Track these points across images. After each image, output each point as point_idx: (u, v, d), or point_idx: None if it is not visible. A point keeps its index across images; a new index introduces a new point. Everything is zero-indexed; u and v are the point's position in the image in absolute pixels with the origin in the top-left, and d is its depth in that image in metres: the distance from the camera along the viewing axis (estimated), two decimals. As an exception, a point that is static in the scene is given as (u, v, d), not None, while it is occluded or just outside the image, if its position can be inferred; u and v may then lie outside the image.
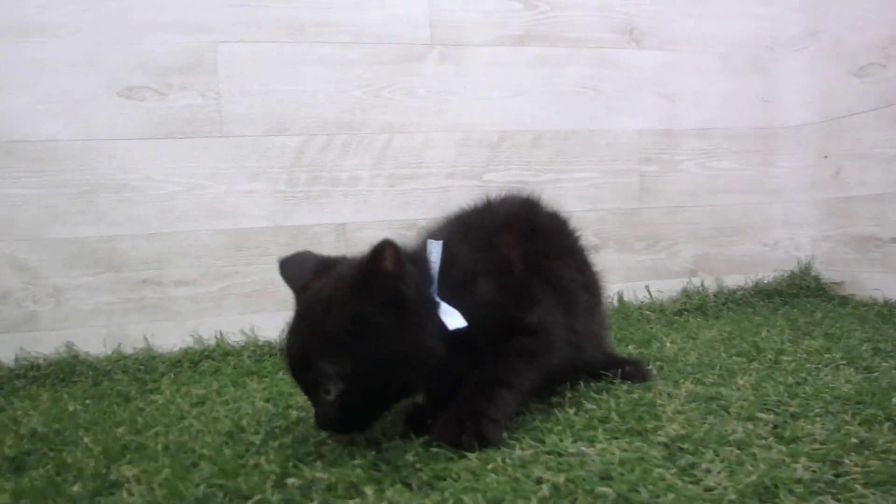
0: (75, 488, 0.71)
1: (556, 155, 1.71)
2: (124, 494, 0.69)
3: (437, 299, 0.81)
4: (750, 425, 0.81)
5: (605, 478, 0.68)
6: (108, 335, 1.44)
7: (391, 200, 1.60)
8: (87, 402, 1.15)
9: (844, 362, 1.09)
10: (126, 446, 0.86)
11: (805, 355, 1.15)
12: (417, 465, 0.73)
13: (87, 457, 0.82)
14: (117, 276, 1.44)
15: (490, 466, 0.72)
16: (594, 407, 0.91)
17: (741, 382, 1.00)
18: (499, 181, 1.66)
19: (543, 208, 1.04)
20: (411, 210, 1.61)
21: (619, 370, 1.05)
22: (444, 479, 0.70)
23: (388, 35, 1.57)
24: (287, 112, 1.52)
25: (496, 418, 0.79)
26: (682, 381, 1.03)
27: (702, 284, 1.80)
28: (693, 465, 0.70)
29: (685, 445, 0.75)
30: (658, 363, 1.16)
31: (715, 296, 1.76)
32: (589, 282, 1.03)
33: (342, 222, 1.57)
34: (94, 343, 1.43)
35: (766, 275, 1.85)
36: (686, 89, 1.81)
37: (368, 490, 0.67)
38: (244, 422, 0.94)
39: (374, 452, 0.78)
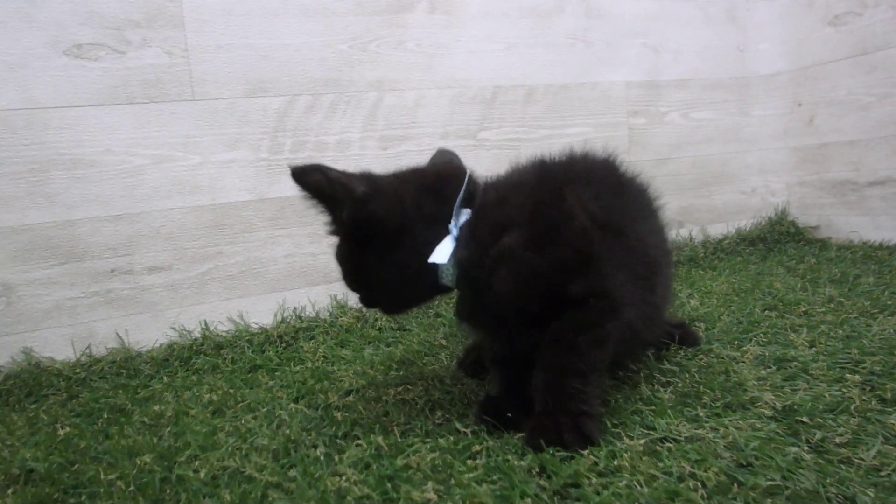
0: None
1: (549, 110, 1.64)
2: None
3: (452, 230, 0.79)
4: (842, 389, 0.78)
5: (745, 465, 0.63)
6: (73, 336, 1.24)
7: (384, 164, 1.45)
8: (75, 419, 0.98)
9: (876, 310, 1.09)
10: (164, 480, 0.72)
11: (833, 305, 1.15)
12: (534, 471, 0.66)
13: (124, 501, 0.68)
14: (79, 266, 1.24)
15: (616, 463, 0.65)
16: (673, 380, 0.87)
17: (797, 340, 0.98)
18: (493, 139, 1.57)
19: (626, 168, 0.93)
20: (405, 175, 1.49)
21: (670, 335, 1.01)
22: (578, 487, 0.62)
23: (374, -19, 1.42)
24: (267, 70, 1.34)
25: (593, 414, 0.72)
26: (736, 342, 1.00)
27: (690, 235, 1.82)
28: (824, 440, 0.66)
29: (803, 418, 0.71)
30: (694, 324, 1.12)
31: (703, 245, 1.79)
32: (668, 251, 0.96)
33: (332, 192, 1.43)
34: (57, 347, 1.23)
35: (746, 222, 1.90)
36: (669, 40, 1.77)
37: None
38: (289, 432, 0.81)
39: (479, 460, 0.69)
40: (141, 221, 1.27)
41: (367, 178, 0.81)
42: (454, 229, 0.79)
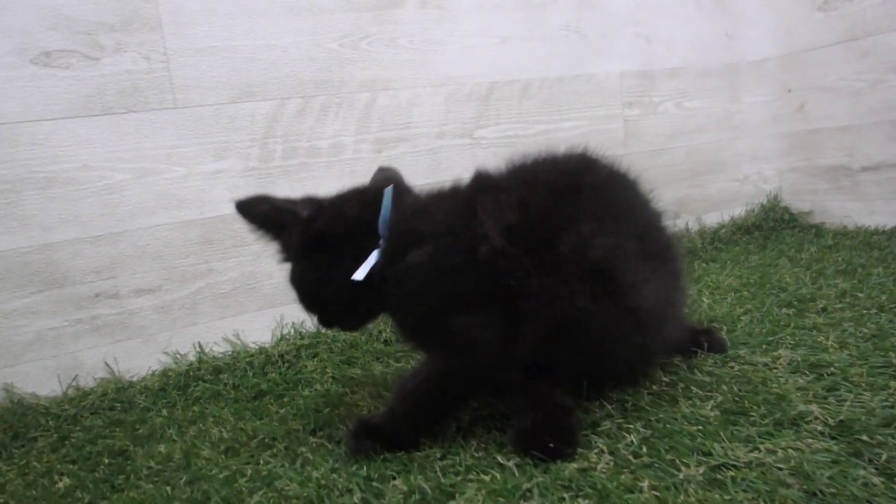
0: None
1: (545, 104, 1.59)
2: None
3: (382, 243, 0.82)
4: (889, 398, 0.75)
5: (816, 494, 0.60)
6: (58, 368, 1.16)
7: (379, 169, 1.40)
8: (71, 467, 0.90)
9: (893, 304, 1.08)
10: None
11: (848, 300, 1.14)
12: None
13: None
14: (60, 292, 1.15)
15: (682, 499, 0.61)
16: (711, 394, 0.83)
17: (825, 342, 0.95)
18: (490, 137, 1.52)
19: (602, 165, 0.87)
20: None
21: (698, 342, 0.97)
22: None
23: (362, -26, 1.34)
24: (253, 73, 1.26)
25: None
26: (763, 346, 0.98)
27: (686, 226, 1.81)
28: (890, 462, 0.64)
29: (862, 436, 0.68)
30: (713, 325, 1.10)
31: (700, 236, 1.78)
32: (656, 250, 0.85)
33: (327, 199, 1.36)
34: (41, 381, 1.14)
35: (739, 210, 1.90)
36: (661, 29, 1.74)
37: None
38: (317, 474, 0.75)
39: (532, 501, 0.65)
40: (124, 241, 1.19)
41: (311, 202, 0.87)
42: (383, 243, 0.81)
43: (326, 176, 1.35)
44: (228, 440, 0.92)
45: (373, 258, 0.81)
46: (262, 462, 0.83)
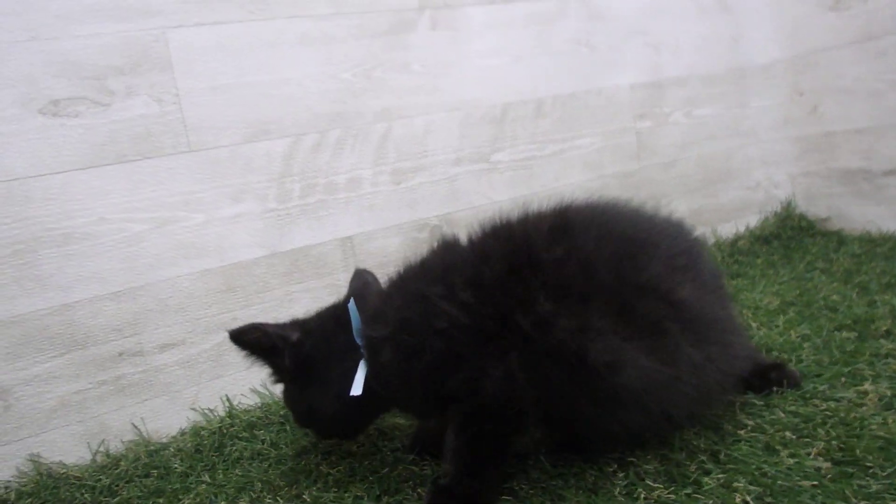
0: None
1: (559, 123, 1.58)
2: None
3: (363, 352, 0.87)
4: None
5: None
6: (85, 433, 1.11)
7: (399, 200, 1.38)
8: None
9: None
10: None
11: None
12: None
13: None
14: (82, 354, 1.11)
15: None
16: (809, 440, 0.81)
17: None
18: (507, 161, 1.50)
19: (575, 227, 0.83)
20: (420, 208, 1.40)
21: (768, 378, 0.95)
22: None
23: (373, 1, 1.32)
24: (268, 109, 1.23)
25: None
26: (842, 379, 0.95)
27: (703, 238, 1.80)
28: None
29: None
30: (773, 355, 1.08)
31: (718, 248, 1.78)
32: (678, 303, 0.80)
33: (347, 235, 1.33)
34: (67, 448, 1.10)
35: (752, 218, 1.90)
36: (667, 36, 1.73)
37: None
38: None
39: None
40: (146, 295, 1.15)
41: (298, 324, 0.93)
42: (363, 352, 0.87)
43: (345, 212, 1.32)
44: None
45: (361, 370, 0.85)
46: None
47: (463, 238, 0.88)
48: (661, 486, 0.79)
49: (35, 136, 1.05)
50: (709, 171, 1.84)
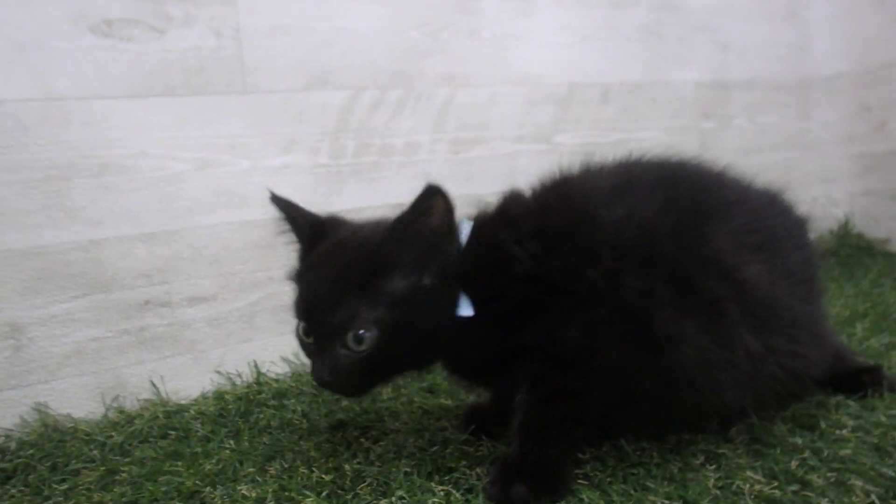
0: None
1: (623, 111, 1.51)
2: None
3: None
4: None
5: None
6: (98, 386, 1.02)
7: (455, 171, 1.30)
8: None
9: None
10: None
11: None
12: None
13: None
14: (106, 298, 1.02)
15: None
16: None
17: None
18: (569, 144, 1.43)
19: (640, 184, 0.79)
20: (476, 182, 1.32)
21: (860, 381, 0.90)
22: None
23: (447, -41, 1.26)
24: (329, 58, 1.15)
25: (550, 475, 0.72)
26: None
27: (759, 250, 1.73)
28: None
29: None
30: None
31: (775, 261, 1.71)
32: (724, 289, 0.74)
33: (399, 202, 1.24)
34: (78, 401, 1.00)
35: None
36: (736, 36, 1.68)
37: None
38: None
39: None
40: (180, 241, 1.07)
41: None
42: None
43: (398, 177, 1.25)
44: (328, 483, 0.78)
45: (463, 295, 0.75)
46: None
47: (526, 192, 0.82)
48: (762, 480, 0.72)
49: (82, 55, 0.98)
50: (769, 182, 1.77)
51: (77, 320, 1.00)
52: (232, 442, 0.94)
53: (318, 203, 1.17)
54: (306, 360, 1.14)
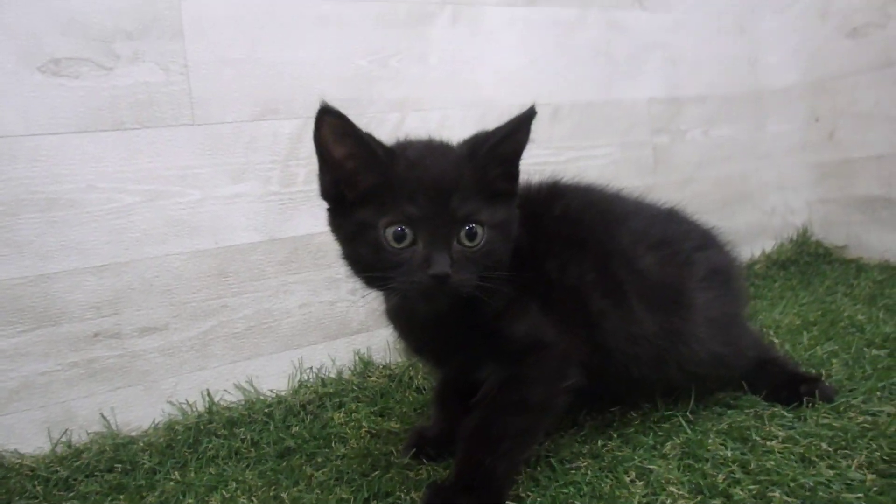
0: None
1: (576, 129, 1.57)
2: None
3: None
4: None
5: None
6: (47, 420, 1.04)
7: (408, 195, 1.35)
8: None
9: None
10: None
11: None
12: None
13: None
14: (54, 331, 1.04)
15: None
16: (848, 451, 0.79)
17: None
18: (522, 163, 1.49)
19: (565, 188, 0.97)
20: (430, 205, 1.38)
21: (797, 391, 0.94)
22: None
23: (394, -12, 1.32)
24: (278, 88, 1.20)
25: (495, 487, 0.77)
26: (877, 394, 0.92)
27: (719, 261, 1.78)
28: None
29: None
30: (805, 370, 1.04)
31: (735, 272, 1.76)
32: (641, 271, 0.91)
33: (351, 227, 1.29)
34: (26, 436, 1.02)
35: (768, 244, 1.89)
36: (686, 52, 1.74)
37: None
38: None
39: None
40: (130, 272, 1.10)
41: None
42: None
43: (352, 202, 1.28)
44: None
45: None
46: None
47: None
48: (687, 496, 0.75)
49: (30, 93, 1.01)
50: (725, 193, 1.84)
51: (25, 354, 1.02)
52: (177, 473, 0.97)
53: (271, 230, 1.22)
54: (261, 387, 1.18)
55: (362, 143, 0.75)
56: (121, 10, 1.06)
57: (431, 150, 0.80)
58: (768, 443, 0.84)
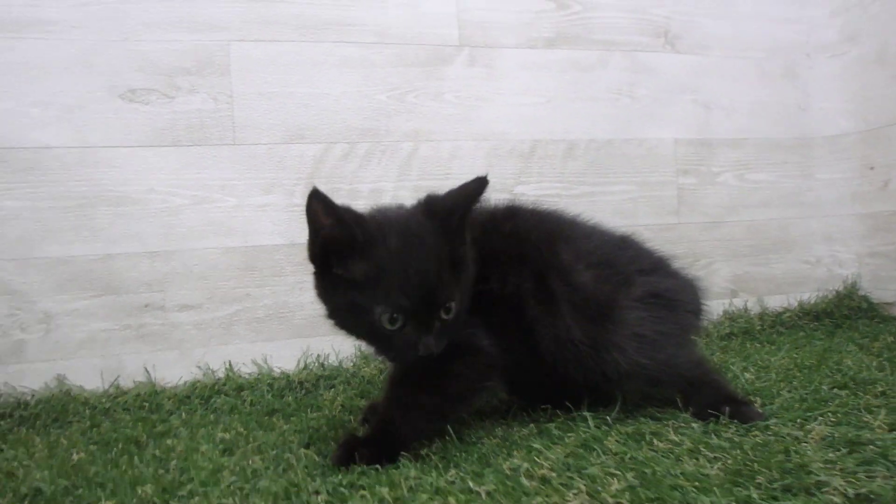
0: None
1: (590, 166, 1.70)
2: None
3: None
4: None
5: None
6: (104, 367, 1.37)
7: (416, 215, 1.57)
8: (92, 447, 1.07)
9: None
10: None
11: None
12: None
13: None
14: (115, 299, 1.37)
15: None
16: (722, 456, 0.83)
17: (873, 422, 0.91)
18: (530, 194, 1.64)
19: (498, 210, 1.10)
20: (438, 225, 1.58)
21: (719, 408, 0.98)
22: None
23: (415, 35, 1.55)
24: (305, 118, 1.48)
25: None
26: (799, 420, 0.95)
27: (745, 306, 1.80)
28: None
29: None
30: (750, 398, 1.07)
31: (759, 318, 1.77)
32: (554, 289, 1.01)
33: (363, 239, 1.53)
34: (88, 376, 1.35)
35: (809, 295, 1.86)
36: (721, 96, 1.81)
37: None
38: (294, 477, 0.85)
39: None
40: (176, 259, 1.40)
41: None
42: None
43: (365, 217, 1.52)
44: (228, 442, 1.05)
45: None
46: (250, 462, 0.95)
47: None
48: (548, 469, 0.82)
49: (112, 115, 1.36)
50: (759, 239, 1.85)
51: (92, 314, 1.36)
52: (185, 415, 1.25)
53: (292, 236, 1.48)
54: (272, 365, 1.43)
55: (345, 225, 0.88)
56: (183, 52, 1.39)
57: (410, 236, 0.91)
58: (658, 442, 0.89)
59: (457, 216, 0.93)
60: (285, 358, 1.47)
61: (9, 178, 1.31)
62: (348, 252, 0.89)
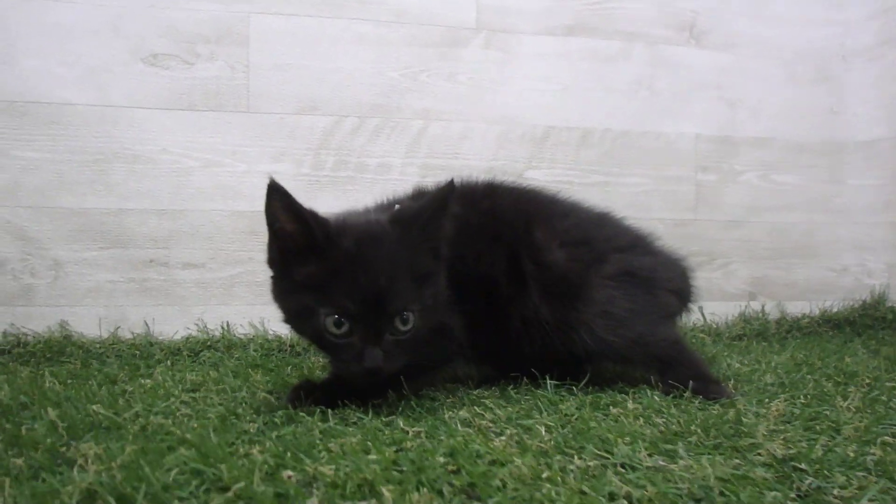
0: (19, 461, 0.64)
1: (605, 156, 1.68)
2: (74, 473, 0.61)
3: None
4: (877, 450, 0.70)
5: (701, 499, 0.59)
6: (106, 316, 1.41)
7: (422, 193, 1.58)
8: (70, 381, 1.09)
9: None
10: (96, 424, 0.79)
11: None
12: (450, 467, 0.65)
13: (47, 431, 0.75)
14: (122, 252, 1.42)
15: (545, 475, 0.63)
16: (665, 420, 0.82)
17: (843, 404, 0.89)
18: (541, 179, 1.63)
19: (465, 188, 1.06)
20: (443, 205, 1.59)
21: (683, 384, 0.96)
22: (487, 486, 0.60)
23: (432, 16, 1.56)
24: (319, 91, 1.51)
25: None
26: (766, 400, 0.93)
27: (762, 309, 1.74)
28: (820, 490, 0.61)
29: (801, 465, 0.65)
30: (728, 381, 1.06)
31: (777, 323, 1.70)
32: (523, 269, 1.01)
33: (368, 213, 1.55)
34: (89, 324, 1.40)
35: (833, 303, 1.78)
36: (747, 94, 1.76)
37: (386, 491, 0.58)
38: (240, 409, 0.87)
39: (394, 449, 0.70)
40: (183, 218, 1.45)
41: None
42: None
43: (370, 192, 1.53)
44: (195, 383, 1.07)
45: None
46: (207, 398, 0.96)
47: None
48: (495, 423, 0.82)
49: (134, 77, 1.42)
50: (782, 242, 1.79)
51: (100, 265, 1.41)
52: (170, 364, 1.27)
53: (297, 204, 1.51)
54: (268, 328, 1.46)
55: (304, 222, 0.83)
56: (204, 21, 1.44)
57: (368, 240, 0.85)
58: (612, 409, 0.88)
59: (420, 224, 0.86)
60: (281, 323, 1.49)
61: (31, 131, 1.38)
62: (306, 254, 0.84)
